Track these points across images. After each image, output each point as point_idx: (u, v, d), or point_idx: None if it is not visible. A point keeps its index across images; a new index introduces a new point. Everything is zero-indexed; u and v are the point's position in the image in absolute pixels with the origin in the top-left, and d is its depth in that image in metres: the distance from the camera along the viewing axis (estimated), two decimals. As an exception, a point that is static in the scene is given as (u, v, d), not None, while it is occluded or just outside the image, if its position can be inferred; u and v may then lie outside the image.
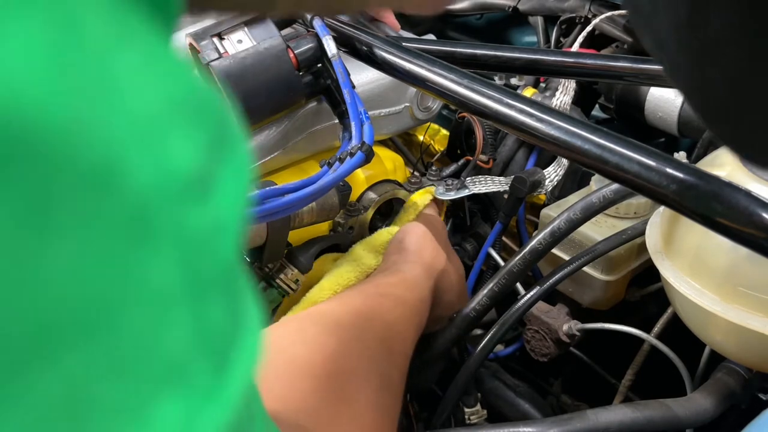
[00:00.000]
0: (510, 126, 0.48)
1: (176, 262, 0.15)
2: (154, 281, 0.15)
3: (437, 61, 0.55)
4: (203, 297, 0.16)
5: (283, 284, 0.64)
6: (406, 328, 0.56)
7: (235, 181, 0.17)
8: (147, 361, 0.15)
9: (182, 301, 0.15)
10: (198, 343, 0.16)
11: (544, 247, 0.63)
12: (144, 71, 0.15)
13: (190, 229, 0.15)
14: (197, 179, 0.16)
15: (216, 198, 0.16)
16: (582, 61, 0.65)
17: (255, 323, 0.19)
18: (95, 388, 0.14)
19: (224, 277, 0.17)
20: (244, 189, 0.18)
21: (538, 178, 0.73)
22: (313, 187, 0.56)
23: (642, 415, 0.56)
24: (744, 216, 0.36)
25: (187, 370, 0.16)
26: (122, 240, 0.14)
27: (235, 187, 0.17)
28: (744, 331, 0.50)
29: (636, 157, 0.40)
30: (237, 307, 0.18)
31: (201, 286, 0.16)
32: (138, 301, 0.14)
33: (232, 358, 0.17)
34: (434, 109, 0.80)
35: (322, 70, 0.66)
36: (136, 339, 0.14)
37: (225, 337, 0.17)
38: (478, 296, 0.65)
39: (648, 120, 0.79)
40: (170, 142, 0.15)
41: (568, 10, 0.86)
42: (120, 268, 0.14)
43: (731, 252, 0.50)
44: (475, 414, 0.69)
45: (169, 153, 0.15)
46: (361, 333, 0.51)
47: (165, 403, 0.15)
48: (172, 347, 0.15)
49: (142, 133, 0.14)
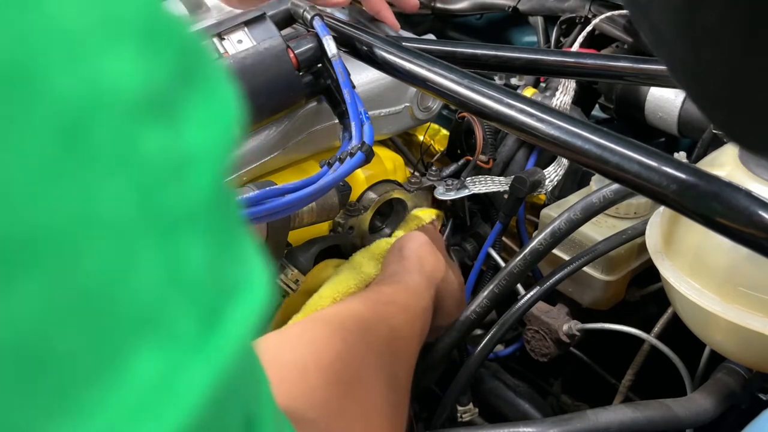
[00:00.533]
0: (510, 126, 0.48)
1: (132, 188, 0.14)
2: (108, 205, 0.14)
3: (437, 61, 0.55)
4: (173, 233, 0.15)
5: (283, 284, 0.64)
6: (410, 334, 0.56)
7: (210, 113, 0.17)
8: (113, 302, 0.14)
9: (146, 233, 0.14)
10: (174, 286, 0.15)
11: (544, 247, 0.63)
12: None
13: (146, 153, 0.15)
14: (150, 101, 0.15)
15: (182, 126, 0.16)
16: (582, 61, 0.65)
17: (256, 276, 0.18)
18: (54, 333, 0.13)
19: (202, 215, 0.16)
20: (222, 123, 0.17)
21: (538, 178, 0.73)
22: (313, 187, 0.56)
23: (642, 415, 0.56)
24: (744, 216, 0.36)
25: (165, 317, 0.15)
26: (54, 151, 0.13)
27: (210, 119, 0.17)
28: (744, 331, 0.50)
29: (636, 157, 0.40)
30: (227, 254, 0.17)
31: (169, 221, 0.15)
32: (90, 224, 0.13)
33: (224, 310, 0.16)
34: (434, 109, 0.80)
35: (322, 70, 0.66)
36: (96, 271, 0.13)
37: (212, 284, 0.16)
38: (478, 298, 0.65)
39: (648, 120, 0.79)
40: (106, 57, 0.14)
41: (568, 10, 0.86)
42: (61, 183, 0.13)
43: (731, 252, 0.50)
44: (468, 412, 0.69)
45: (104, 68, 0.14)
46: (367, 335, 0.50)
47: (141, 354, 0.14)
48: (141, 287, 0.14)
49: (67, 43, 0.14)
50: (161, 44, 0.16)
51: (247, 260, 0.18)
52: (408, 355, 0.54)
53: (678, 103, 0.75)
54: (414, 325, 0.57)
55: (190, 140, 0.16)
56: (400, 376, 0.51)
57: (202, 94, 0.17)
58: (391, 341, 0.53)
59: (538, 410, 0.73)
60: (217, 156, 0.17)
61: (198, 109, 0.16)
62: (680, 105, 0.75)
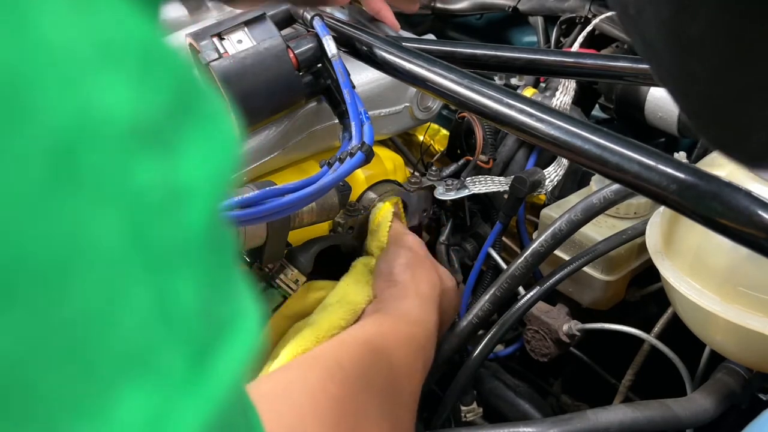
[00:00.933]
0: (510, 126, 0.48)
1: (124, 219, 0.14)
2: (98, 236, 0.13)
3: (437, 61, 0.55)
4: (165, 268, 0.15)
5: (283, 284, 0.64)
6: (414, 366, 0.53)
7: (206, 146, 0.16)
8: (100, 338, 0.13)
9: (136, 267, 0.14)
10: (164, 324, 0.14)
11: (545, 249, 0.63)
12: (71, 14, 0.14)
13: (139, 185, 0.14)
14: (144, 131, 0.15)
15: (178, 158, 0.15)
16: (582, 61, 0.65)
17: (247, 314, 0.17)
18: (36, 369, 0.12)
19: (195, 250, 0.16)
20: (219, 157, 0.17)
21: (538, 178, 0.73)
22: (313, 187, 0.56)
23: (642, 415, 0.56)
24: (744, 216, 0.36)
25: (153, 355, 0.14)
26: (42, 176, 0.13)
27: (207, 152, 0.16)
28: (744, 331, 0.50)
29: (636, 157, 0.40)
30: (218, 291, 0.16)
31: (161, 255, 0.15)
32: (79, 255, 0.13)
33: (215, 349, 0.16)
34: (434, 109, 0.80)
35: (322, 70, 0.66)
36: (83, 305, 0.13)
37: (203, 321, 0.16)
38: (480, 302, 0.65)
39: (648, 120, 0.79)
40: (100, 83, 0.14)
41: (568, 10, 0.86)
42: (48, 210, 0.13)
43: (731, 252, 0.50)
44: (471, 412, 0.69)
45: (97, 96, 0.14)
46: (366, 376, 0.48)
47: (128, 393, 0.14)
48: (130, 324, 0.14)
49: (61, 68, 0.13)
50: (157, 74, 0.15)
51: (238, 297, 0.17)
52: (410, 393, 0.52)
53: (678, 103, 0.75)
54: (416, 358, 0.54)
55: (185, 173, 0.15)
56: (402, 417, 0.49)
57: (199, 127, 0.16)
58: (393, 380, 0.50)
59: (538, 410, 0.73)
60: (212, 190, 0.16)
61: (194, 142, 0.16)
62: (680, 105, 0.75)
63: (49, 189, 0.13)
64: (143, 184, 0.14)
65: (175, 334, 0.15)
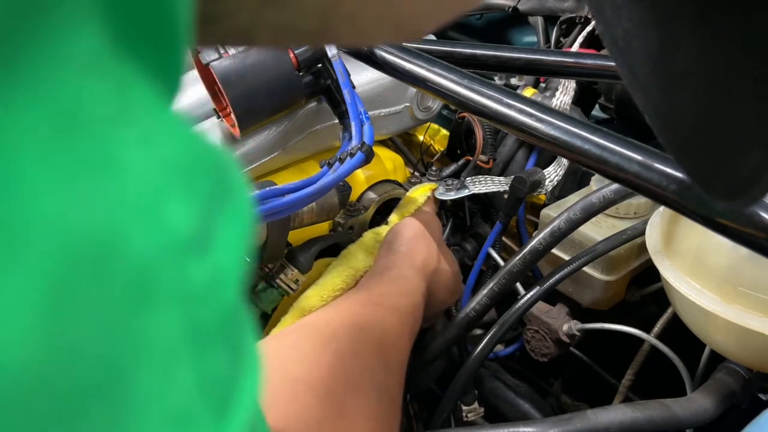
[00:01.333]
0: (510, 126, 0.48)
1: (179, 318, 0.15)
2: (159, 339, 0.15)
3: (437, 61, 0.55)
4: (206, 348, 0.16)
5: (283, 284, 0.64)
6: (401, 337, 0.55)
7: (234, 230, 0.17)
8: (153, 420, 0.15)
9: (186, 355, 0.15)
10: (202, 394, 0.16)
11: (544, 247, 0.63)
12: (145, 143, 0.15)
13: (191, 285, 0.16)
14: (196, 236, 0.16)
15: (215, 250, 0.16)
16: (582, 61, 0.65)
17: (255, 361, 0.19)
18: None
19: (226, 325, 0.17)
20: (243, 236, 0.18)
21: (538, 178, 0.73)
22: (313, 188, 0.56)
23: (642, 415, 0.56)
24: (744, 216, 0.36)
25: (192, 421, 0.16)
26: (126, 306, 0.14)
27: (234, 236, 0.17)
28: (744, 331, 0.50)
29: (636, 157, 0.40)
30: (238, 351, 0.18)
31: (203, 338, 0.16)
32: (144, 361, 0.14)
33: (233, 401, 0.17)
34: (434, 109, 0.80)
35: (322, 70, 0.66)
36: (143, 399, 0.14)
37: (227, 382, 0.17)
38: (478, 296, 0.65)
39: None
40: (169, 206, 0.15)
41: (568, 10, 0.86)
42: (126, 333, 0.14)
43: (731, 252, 0.50)
44: (473, 411, 0.69)
45: (167, 217, 0.15)
46: (357, 345, 0.50)
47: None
48: (176, 402, 0.15)
49: (142, 205, 0.14)
50: (203, 177, 0.16)
51: (248, 345, 0.19)
52: (398, 361, 0.53)
53: (678, 103, 0.75)
54: (404, 326, 0.56)
55: (221, 261, 0.16)
56: (391, 386, 0.51)
57: (230, 214, 0.17)
58: (382, 348, 0.52)
59: (538, 410, 0.73)
60: (240, 265, 0.17)
61: (227, 229, 0.17)
62: (680, 105, 0.75)
63: (130, 311, 0.14)
64: (195, 283, 0.15)
65: (209, 399, 0.16)
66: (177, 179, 0.15)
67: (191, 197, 0.16)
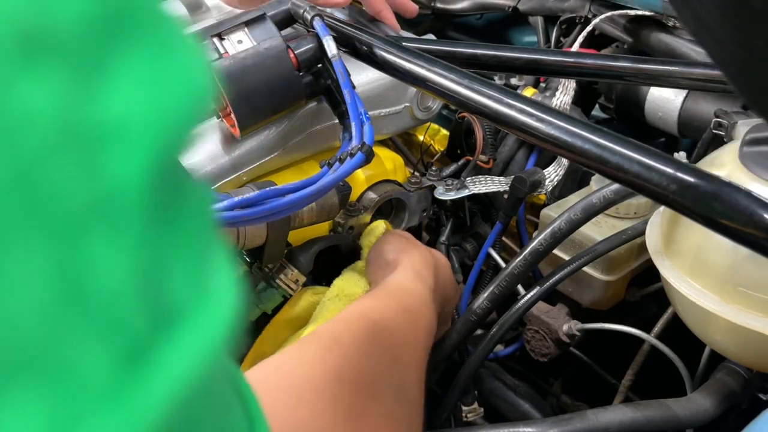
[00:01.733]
0: (510, 126, 0.48)
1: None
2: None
3: (437, 61, 0.55)
4: (72, 231, 0.11)
5: (283, 284, 0.64)
6: (413, 334, 0.53)
7: (151, 77, 0.13)
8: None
9: (22, 224, 0.10)
10: (72, 306, 0.11)
11: (544, 248, 0.63)
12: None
13: (23, 107, 0.11)
14: (43, 41, 0.11)
15: (100, 86, 0.12)
16: (582, 61, 0.65)
17: (220, 294, 0.14)
18: None
19: (124, 210, 0.12)
20: (173, 92, 0.13)
21: (538, 178, 0.73)
22: (313, 188, 0.56)
23: (642, 415, 0.56)
24: (744, 216, 0.36)
25: (57, 348, 0.10)
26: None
27: (151, 84, 0.13)
28: (744, 331, 0.50)
29: (636, 157, 0.40)
30: (171, 266, 0.13)
31: (65, 212, 0.11)
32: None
33: (163, 340, 0.12)
34: (434, 109, 0.80)
35: (323, 71, 0.66)
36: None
37: (141, 306, 0.12)
38: (479, 299, 0.65)
39: (648, 120, 0.79)
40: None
41: (568, 10, 0.86)
42: None
43: (731, 252, 0.50)
44: (473, 412, 0.69)
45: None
46: (365, 347, 0.47)
47: (14, 399, 0.10)
48: (14, 308, 0.10)
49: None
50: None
51: (206, 274, 0.14)
52: (415, 361, 0.51)
53: (678, 103, 0.75)
54: (415, 326, 0.53)
55: (112, 107, 0.12)
56: (409, 387, 0.48)
57: (141, 52, 0.13)
58: (393, 348, 0.50)
59: (538, 410, 0.73)
60: (157, 132, 0.13)
61: (130, 70, 0.12)
62: (680, 105, 0.75)
63: None
64: (32, 107, 0.11)
65: (93, 321, 0.11)
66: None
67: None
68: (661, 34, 0.77)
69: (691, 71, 0.62)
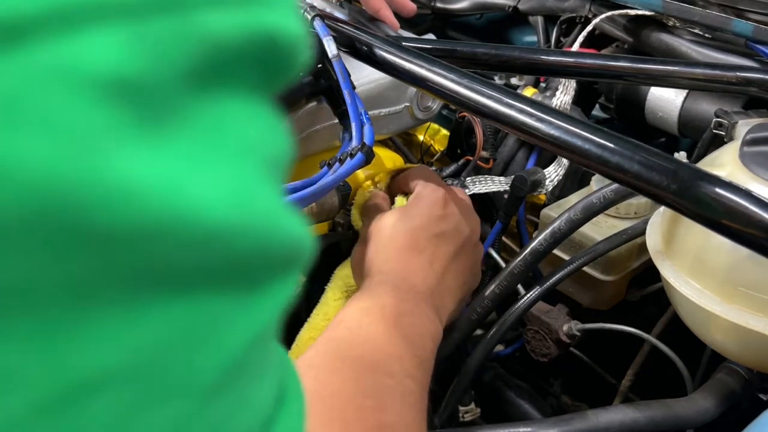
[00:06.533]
0: (510, 126, 0.48)
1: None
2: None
3: (437, 61, 0.55)
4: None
5: (283, 284, 0.64)
6: (413, 314, 0.51)
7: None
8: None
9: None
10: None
11: (545, 248, 0.63)
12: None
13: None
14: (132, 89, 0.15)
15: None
16: (582, 61, 0.65)
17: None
18: None
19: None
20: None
21: (539, 178, 0.73)
22: (313, 188, 0.56)
23: (642, 415, 0.56)
24: (744, 216, 0.36)
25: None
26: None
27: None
28: (744, 331, 0.50)
29: (636, 157, 0.40)
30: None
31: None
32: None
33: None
34: (434, 109, 0.80)
35: (323, 71, 0.66)
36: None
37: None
38: (479, 298, 0.65)
39: (648, 120, 0.79)
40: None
41: (568, 9, 0.86)
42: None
43: (731, 252, 0.50)
44: (470, 412, 0.69)
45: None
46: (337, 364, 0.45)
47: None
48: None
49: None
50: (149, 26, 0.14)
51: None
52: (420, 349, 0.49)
53: (678, 103, 0.75)
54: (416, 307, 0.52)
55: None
56: (418, 376, 0.47)
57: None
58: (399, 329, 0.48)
59: (538, 410, 0.73)
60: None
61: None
62: (680, 105, 0.75)
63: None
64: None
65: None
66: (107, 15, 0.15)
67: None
68: (661, 34, 0.77)
69: (691, 71, 0.62)
